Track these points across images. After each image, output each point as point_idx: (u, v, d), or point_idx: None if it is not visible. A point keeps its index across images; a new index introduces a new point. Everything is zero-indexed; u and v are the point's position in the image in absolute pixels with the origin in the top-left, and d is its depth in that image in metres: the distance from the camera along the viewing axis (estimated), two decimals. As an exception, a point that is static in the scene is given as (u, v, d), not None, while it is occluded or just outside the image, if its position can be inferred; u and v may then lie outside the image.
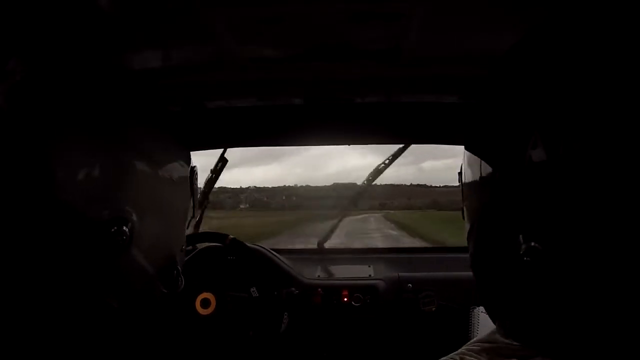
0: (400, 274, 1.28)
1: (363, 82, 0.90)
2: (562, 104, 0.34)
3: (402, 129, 1.18)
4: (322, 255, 1.53)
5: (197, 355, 1.18)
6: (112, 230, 0.48)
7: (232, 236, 1.19)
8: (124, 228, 0.48)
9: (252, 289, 1.15)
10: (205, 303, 1.15)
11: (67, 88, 0.48)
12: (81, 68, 0.52)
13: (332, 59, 0.79)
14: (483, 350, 0.42)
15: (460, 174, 0.48)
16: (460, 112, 1.01)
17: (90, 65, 0.55)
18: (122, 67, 0.77)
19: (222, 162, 1.48)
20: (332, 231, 1.60)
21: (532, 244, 0.35)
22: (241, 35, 0.70)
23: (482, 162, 0.41)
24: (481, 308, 1.09)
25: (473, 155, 0.43)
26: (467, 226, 0.46)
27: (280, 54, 0.78)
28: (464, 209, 0.47)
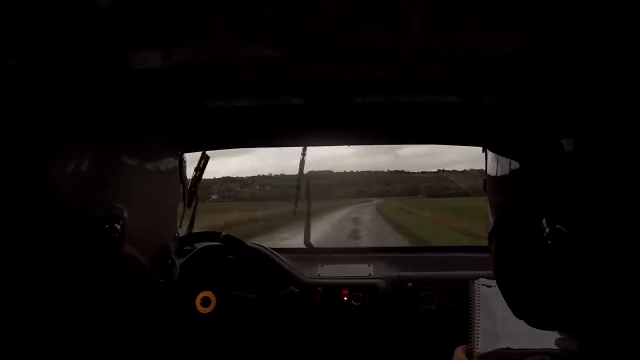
0: (400, 273, 1.28)
1: (363, 82, 0.90)
2: (588, 94, 0.34)
3: (402, 129, 1.18)
4: (322, 254, 1.53)
5: (197, 353, 1.18)
6: (105, 227, 0.48)
7: (224, 233, 1.20)
8: (116, 225, 0.48)
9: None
10: (205, 302, 1.15)
11: (65, 88, 0.49)
12: (80, 68, 0.52)
13: (332, 59, 0.79)
14: None
15: (485, 172, 0.48)
16: (460, 111, 1.01)
17: (89, 65, 0.55)
18: (122, 67, 0.77)
19: (204, 159, 1.50)
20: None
21: (557, 226, 0.34)
22: (241, 35, 0.70)
23: (507, 159, 0.41)
24: (482, 280, 1.08)
25: (495, 154, 0.43)
26: (490, 222, 0.46)
27: (280, 54, 0.78)
28: (489, 205, 0.47)
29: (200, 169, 1.52)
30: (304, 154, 1.60)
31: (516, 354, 0.40)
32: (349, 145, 1.31)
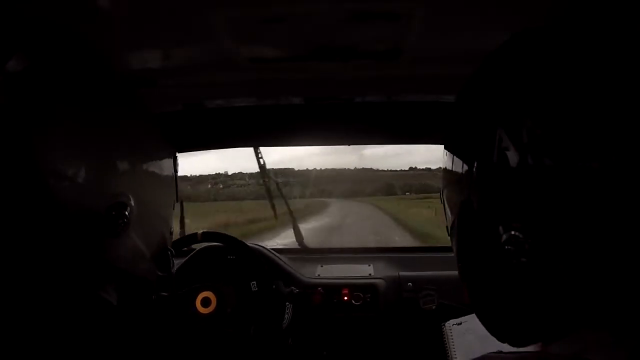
0: (401, 272, 1.28)
1: (363, 82, 0.90)
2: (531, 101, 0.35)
3: (402, 129, 1.18)
4: (322, 254, 1.53)
5: (198, 355, 1.18)
6: (112, 214, 0.51)
7: (201, 231, 1.21)
8: (124, 212, 0.52)
9: (252, 283, 1.16)
10: (205, 302, 1.15)
11: (65, 87, 0.49)
12: (80, 67, 0.53)
13: (332, 59, 0.79)
14: None
15: (443, 171, 0.49)
16: None
17: (90, 65, 0.55)
18: (122, 67, 0.77)
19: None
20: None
21: (513, 232, 0.35)
22: (241, 35, 0.70)
23: (459, 159, 0.42)
24: (451, 321, 1.09)
25: (450, 153, 0.44)
26: (448, 223, 0.46)
27: (280, 54, 0.78)
28: (445, 206, 0.47)
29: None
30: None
31: (509, 357, 0.40)
32: (348, 145, 1.30)
